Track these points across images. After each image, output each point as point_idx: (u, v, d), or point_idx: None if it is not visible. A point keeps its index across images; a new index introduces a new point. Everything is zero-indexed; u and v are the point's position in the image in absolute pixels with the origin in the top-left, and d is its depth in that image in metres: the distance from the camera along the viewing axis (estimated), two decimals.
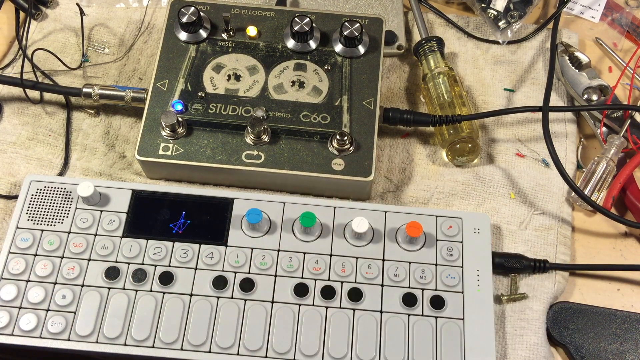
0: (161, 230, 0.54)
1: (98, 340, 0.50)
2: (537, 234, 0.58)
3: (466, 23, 0.69)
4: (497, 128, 0.63)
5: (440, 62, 0.63)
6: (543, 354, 0.52)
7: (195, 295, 0.52)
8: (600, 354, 0.52)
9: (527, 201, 0.59)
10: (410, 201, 0.59)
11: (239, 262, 0.53)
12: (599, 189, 0.59)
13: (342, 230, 0.54)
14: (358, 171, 0.55)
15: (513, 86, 0.65)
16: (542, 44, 0.68)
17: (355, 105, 0.58)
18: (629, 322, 0.54)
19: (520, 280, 0.55)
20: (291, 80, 0.60)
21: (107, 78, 0.65)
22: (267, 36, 0.62)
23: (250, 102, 0.58)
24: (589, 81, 0.63)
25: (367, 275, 0.53)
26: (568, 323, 0.54)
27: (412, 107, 0.64)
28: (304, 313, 0.51)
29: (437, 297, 0.52)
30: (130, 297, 0.51)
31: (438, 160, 0.61)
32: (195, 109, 0.58)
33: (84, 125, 0.63)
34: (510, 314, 0.54)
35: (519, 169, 0.61)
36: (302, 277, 0.53)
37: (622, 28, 0.70)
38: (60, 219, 0.54)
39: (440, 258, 0.54)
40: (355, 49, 0.60)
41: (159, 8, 0.69)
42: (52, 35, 0.67)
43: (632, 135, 0.61)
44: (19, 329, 0.50)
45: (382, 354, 0.50)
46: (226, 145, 0.56)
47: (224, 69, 0.60)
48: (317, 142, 0.57)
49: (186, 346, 0.50)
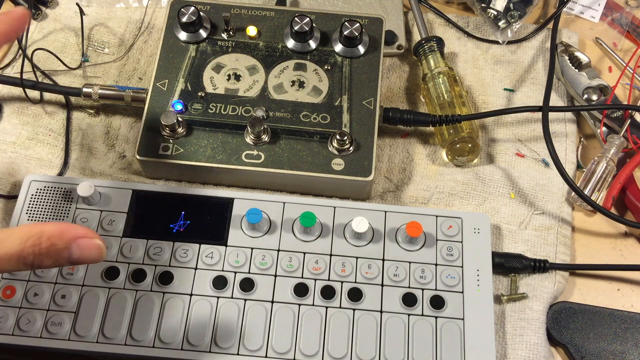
0: (161, 230, 0.54)
1: (98, 340, 0.50)
2: (537, 234, 0.58)
3: (466, 23, 0.69)
4: (497, 128, 0.63)
5: (440, 62, 0.63)
6: (543, 353, 0.52)
7: (195, 295, 0.52)
8: (600, 354, 0.53)
9: (527, 201, 0.59)
10: (410, 201, 0.59)
11: (239, 262, 0.53)
12: (599, 189, 0.59)
13: (342, 230, 0.54)
14: (358, 171, 0.55)
15: (513, 86, 0.65)
16: (542, 43, 0.68)
17: (355, 105, 0.58)
18: (629, 322, 0.54)
19: (520, 280, 0.55)
20: (291, 80, 0.60)
21: (107, 78, 0.65)
22: (267, 36, 0.62)
23: (250, 102, 0.58)
24: (589, 81, 0.63)
25: (367, 275, 0.53)
26: (568, 323, 0.54)
27: (412, 107, 0.64)
28: (304, 313, 0.51)
29: (437, 297, 0.52)
30: (130, 297, 0.51)
31: (438, 160, 0.61)
32: (195, 109, 0.58)
33: (84, 125, 0.63)
34: (510, 314, 0.54)
35: (519, 169, 0.61)
36: (302, 277, 0.53)
37: (622, 28, 0.70)
38: (60, 219, 0.54)
39: (440, 258, 0.54)
40: (355, 49, 0.60)
41: (159, 8, 0.69)
42: (52, 35, 0.67)
43: (632, 135, 0.61)
44: (19, 329, 0.50)
45: (382, 353, 0.50)
46: (226, 145, 0.56)
47: (224, 68, 0.60)
48: (317, 142, 0.57)
49: (186, 346, 0.50)
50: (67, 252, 0.35)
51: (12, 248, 0.34)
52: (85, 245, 0.36)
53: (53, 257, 0.35)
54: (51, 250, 0.35)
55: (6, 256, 0.34)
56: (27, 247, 0.34)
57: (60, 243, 0.35)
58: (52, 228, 0.35)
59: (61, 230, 0.35)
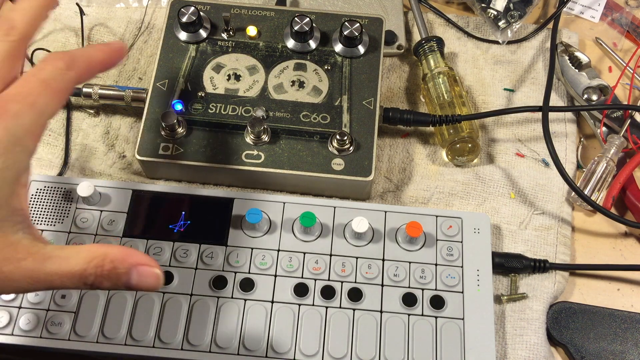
0: (161, 230, 0.54)
1: (98, 340, 0.50)
2: (537, 234, 0.58)
3: (466, 23, 0.69)
4: (497, 128, 0.63)
5: (440, 62, 0.63)
6: (543, 353, 0.52)
7: (195, 295, 0.52)
8: (600, 354, 0.53)
9: (527, 201, 0.59)
10: (410, 201, 0.59)
11: (239, 262, 0.53)
12: (599, 189, 0.59)
13: (342, 230, 0.54)
14: (358, 171, 0.55)
15: (513, 86, 0.65)
16: (542, 43, 0.68)
17: (355, 105, 0.58)
18: (629, 322, 0.54)
19: (520, 280, 0.55)
20: (291, 80, 0.60)
21: (107, 78, 0.65)
22: (267, 36, 0.62)
23: (250, 102, 0.58)
24: (589, 81, 0.63)
25: (367, 275, 0.53)
26: (568, 323, 0.54)
27: (412, 107, 0.64)
28: (304, 313, 0.51)
29: (437, 297, 0.52)
30: (130, 297, 0.51)
31: (438, 160, 0.61)
32: (195, 109, 0.58)
33: (84, 125, 0.63)
34: (510, 313, 0.54)
35: (519, 169, 0.61)
36: (302, 277, 0.53)
37: (622, 28, 0.70)
38: (60, 219, 0.54)
39: (440, 258, 0.54)
40: (355, 49, 0.60)
41: (159, 8, 0.69)
42: (52, 35, 0.67)
43: (632, 135, 0.61)
44: (19, 329, 0.50)
45: (382, 353, 0.50)
46: (226, 145, 0.56)
47: (224, 68, 0.60)
48: (317, 142, 0.57)
49: (186, 346, 0.50)
50: (127, 277, 0.36)
51: (76, 266, 0.35)
52: (145, 272, 0.36)
53: (113, 280, 0.36)
54: (112, 273, 0.35)
55: (69, 274, 0.35)
56: (90, 267, 0.35)
57: (122, 267, 0.36)
58: (116, 252, 0.36)
59: (124, 254, 0.36)
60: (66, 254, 0.35)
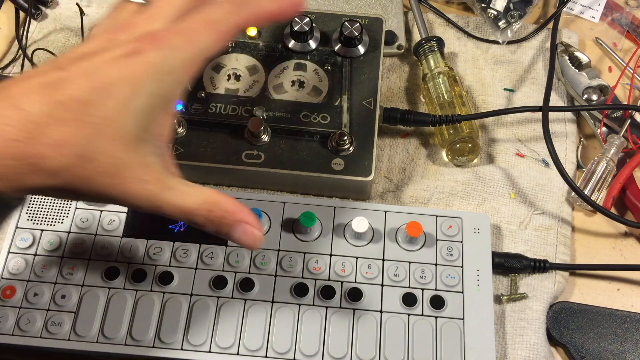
0: (161, 230, 0.54)
1: (98, 340, 0.50)
2: (537, 234, 0.58)
3: (466, 23, 0.69)
4: (497, 128, 0.63)
5: (440, 62, 0.63)
6: (543, 353, 0.52)
7: (195, 295, 0.52)
8: (600, 354, 0.53)
9: (527, 201, 0.59)
10: (410, 201, 0.59)
11: (239, 262, 0.53)
12: (599, 189, 0.59)
13: (342, 230, 0.54)
14: (358, 171, 0.55)
15: (513, 86, 0.65)
16: (542, 43, 0.68)
17: (355, 105, 0.58)
18: (629, 322, 0.54)
19: (520, 280, 0.55)
20: (291, 80, 0.60)
21: None
22: (267, 36, 0.62)
23: (250, 102, 0.58)
24: (589, 81, 0.63)
25: (367, 275, 0.53)
26: (568, 323, 0.54)
27: (412, 107, 0.64)
28: (303, 313, 0.51)
29: (437, 297, 0.52)
30: (130, 297, 0.51)
31: (438, 160, 0.61)
32: (195, 109, 0.58)
33: None
34: (510, 313, 0.54)
35: (519, 169, 0.61)
36: (302, 277, 0.53)
37: (622, 28, 0.70)
38: (60, 218, 0.54)
39: (440, 258, 0.54)
40: (355, 49, 0.60)
41: None
42: (52, 35, 0.67)
43: (632, 135, 0.61)
44: (19, 329, 0.50)
45: (382, 353, 0.50)
46: (226, 145, 0.56)
47: (224, 68, 0.60)
48: (317, 142, 0.57)
49: (186, 346, 0.50)
50: (230, 229, 0.38)
51: (191, 204, 0.36)
52: (248, 231, 0.38)
53: (217, 227, 0.37)
54: (219, 221, 0.37)
55: (182, 208, 0.36)
56: (202, 209, 0.36)
57: (230, 219, 0.37)
58: (229, 203, 0.37)
59: (236, 208, 0.38)
60: (186, 190, 0.36)
